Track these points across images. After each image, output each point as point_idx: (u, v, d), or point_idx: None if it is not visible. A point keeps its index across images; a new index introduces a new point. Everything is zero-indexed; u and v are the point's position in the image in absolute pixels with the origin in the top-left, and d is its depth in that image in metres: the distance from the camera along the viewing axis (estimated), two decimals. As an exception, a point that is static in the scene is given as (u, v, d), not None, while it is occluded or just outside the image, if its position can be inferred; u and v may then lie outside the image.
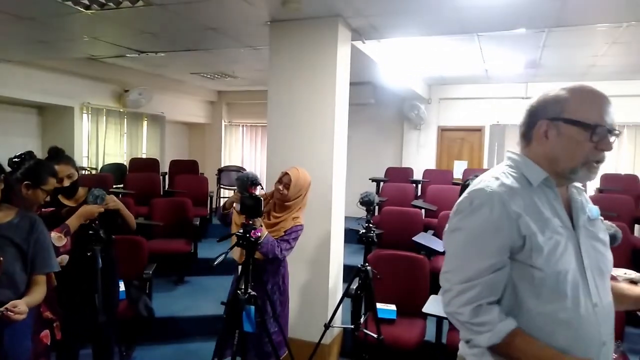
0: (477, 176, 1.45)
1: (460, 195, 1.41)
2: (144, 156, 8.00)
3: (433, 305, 3.09)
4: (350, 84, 3.88)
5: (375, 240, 3.20)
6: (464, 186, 2.76)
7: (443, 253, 4.27)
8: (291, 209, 2.84)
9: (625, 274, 3.85)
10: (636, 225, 5.44)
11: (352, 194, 3.37)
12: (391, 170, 7.44)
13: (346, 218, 3.93)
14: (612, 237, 2.07)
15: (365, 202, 3.16)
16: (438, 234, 4.71)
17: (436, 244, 4.37)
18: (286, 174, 2.85)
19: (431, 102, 7.97)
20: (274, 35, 3.71)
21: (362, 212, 3.25)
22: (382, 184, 6.71)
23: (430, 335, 3.27)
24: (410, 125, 8.11)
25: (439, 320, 3.14)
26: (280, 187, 2.83)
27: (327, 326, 3.20)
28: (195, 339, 4.00)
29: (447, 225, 1.35)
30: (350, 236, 4.31)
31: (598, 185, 6.44)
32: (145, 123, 8.07)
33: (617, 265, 4.24)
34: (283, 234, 2.76)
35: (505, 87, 7.43)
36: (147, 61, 6.26)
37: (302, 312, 3.61)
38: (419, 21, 3.77)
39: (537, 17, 3.64)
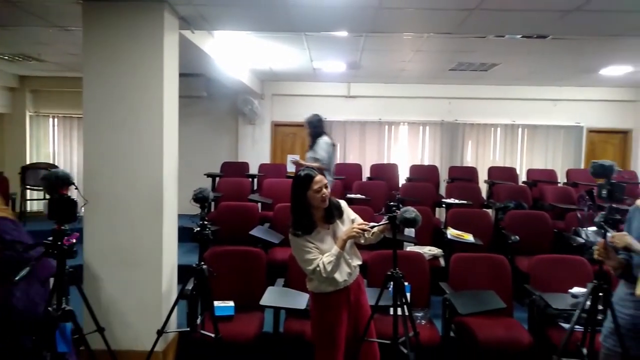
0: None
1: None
2: None
3: (270, 297, 3.16)
4: (181, 75, 3.70)
5: (211, 237, 3.12)
6: None
7: (279, 245, 4.37)
8: None
9: (429, 250, 4.50)
10: (437, 209, 6.39)
11: (187, 191, 3.23)
12: (227, 165, 7.35)
13: (181, 216, 3.75)
14: (413, 220, 2.39)
15: (200, 199, 3.05)
16: (274, 227, 4.82)
17: (272, 237, 4.47)
18: None
19: (265, 97, 8.11)
20: (87, 17, 3.31)
21: (197, 209, 3.13)
22: (217, 179, 6.58)
23: (268, 326, 3.34)
24: (245, 120, 8.13)
25: (276, 311, 3.22)
26: None
27: (161, 332, 3.01)
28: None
29: None
30: (185, 234, 4.13)
31: (408, 175, 7.38)
32: None
33: (422, 243, 4.91)
34: None
35: (331, 85, 7.98)
36: None
37: (131, 320, 3.33)
38: (248, 16, 3.78)
39: (356, 22, 3.97)
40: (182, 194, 3.70)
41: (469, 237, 4.43)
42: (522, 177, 7.60)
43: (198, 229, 3.04)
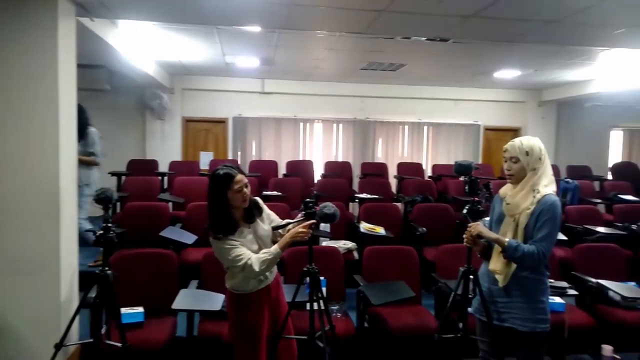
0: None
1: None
2: None
3: (183, 300, 3.04)
4: (80, 66, 3.41)
5: (116, 240, 2.91)
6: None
7: (192, 245, 4.22)
8: None
9: (344, 244, 4.62)
10: (350, 203, 6.58)
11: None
12: (134, 163, 6.93)
13: (91, 219, 3.47)
14: (332, 216, 2.43)
15: (102, 200, 2.82)
16: (187, 227, 4.63)
17: (185, 237, 4.29)
18: None
19: (174, 92, 7.77)
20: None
21: (100, 211, 2.90)
22: (123, 178, 6.18)
23: (182, 330, 3.20)
24: (153, 115, 7.73)
25: (190, 314, 3.10)
26: None
27: (59, 346, 2.76)
28: None
29: None
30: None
31: (323, 171, 7.51)
32: None
33: (337, 237, 5.01)
34: None
35: (245, 81, 7.86)
36: None
37: (26, 335, 3.02)
38: (154, 6, 3.59)
39: (268, 17, 3.94)
40: (82, 195, 3.42)
41: (380, 231, 4.61)
42: (428, 172, 8.08)
43: (101, 232, 2.82)
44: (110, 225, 2.84)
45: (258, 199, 2.57)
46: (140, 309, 3.17)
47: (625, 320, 3.43)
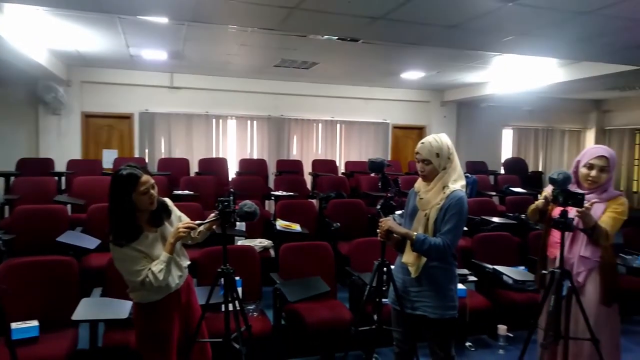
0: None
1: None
2: None
3: (85, 310, 2.81)
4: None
5: (3, 248, 2.61)
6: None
7: (95, 250, 3.92)
8: None
9: (260, 242, 4.58)
10: (266, 201, 6.54)
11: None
12: (25, 162, 6.27)
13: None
14: (253, 214, 2.39)
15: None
16: (89, 231, 4.29)
17: (86, 242, 3.97)
18: None
19: (72, 84, 7.16)
20: None
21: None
22: (12, 178, 5.56)
23: (84, 342, 2.96)
24: (47, 110, 7.05)
25: (94, 324, 2.88)
26: None
27: None
28: None
29: None
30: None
31: (237, 169, 7.38)
32: None
33: (252, 235, 4.95)
34: None
35: (152, 75, 7.46)
36: None
37: None
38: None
39: (175, 8, 3.76)
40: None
41: (296, 227, 4.64)
42: (342, 169, 8.28)
43: (-16, 240, 2.51)
44: (-5, 232, 2.54)
45: (167, 200, 2.43)
46: (35, 323, 2.88)
47: (516, 301, 3.79)
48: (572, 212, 2.43)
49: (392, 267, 2.60)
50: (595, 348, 2.40)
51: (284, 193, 5.95)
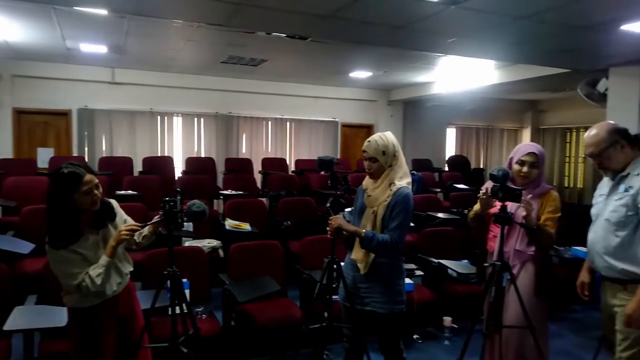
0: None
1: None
2: None
3: (18, 319, 2.63)
4: None
5: None
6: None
7: (30, 255, 3.70)
8: None
9: (209, 243, 4.49)
10: (215, 200, 6.41)
11: None
12: (-53, 162, 5.79)
13: None
14: (202, 213, 2.33)
15: None
16: (22, 234, 4.02)
17: (19, 246, 3.72)
18: None
19: (2, 79, 6.68)
20: None
21: None
22: None
23: (19, 354, 2.78)
24: (-27, 105, 6.54)
25: (28, 334, 2.70)
26: None
27: None
28: None
29: None
30: None
31: (184, 168, 7.19)
32: None
33: (200, 236, 4.85)
34: None
35: (92, 69, 7.10)
36: None
37: None
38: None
39: (116, 0, 3.60)
40: None
41: (246, 227, 4.58)
42: (292, 167, 8.27)
43: None
44: None
45: (113, 201, 2.31)
46: (-39, 336, 2.66)
47: (460, 293, 3.94)
48: (510, 207, 2.56)
49: (342, 264, 2.63)
50: (532, 335, 2.55)
51: (233, 192, 5.86)
